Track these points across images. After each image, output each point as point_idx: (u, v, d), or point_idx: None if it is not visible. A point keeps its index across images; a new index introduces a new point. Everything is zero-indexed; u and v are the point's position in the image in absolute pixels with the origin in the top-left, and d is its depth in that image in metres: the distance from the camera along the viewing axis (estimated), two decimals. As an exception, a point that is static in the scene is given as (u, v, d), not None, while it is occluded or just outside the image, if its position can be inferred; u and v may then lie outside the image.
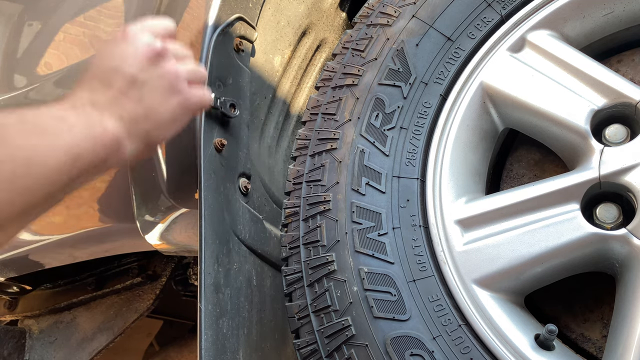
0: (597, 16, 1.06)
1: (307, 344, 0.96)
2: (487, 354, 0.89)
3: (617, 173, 0.92)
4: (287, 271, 1.03)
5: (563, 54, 1.03)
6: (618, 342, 0.88)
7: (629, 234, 0.89)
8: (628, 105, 0.97)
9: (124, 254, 1.83)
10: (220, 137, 1.12)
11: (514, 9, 1.07)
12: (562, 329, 1.00)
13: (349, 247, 0.98)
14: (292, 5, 1.39)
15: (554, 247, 0.92)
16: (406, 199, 1.01)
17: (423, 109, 1.06)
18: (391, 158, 1.03)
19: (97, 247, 1.53)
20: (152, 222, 1.30)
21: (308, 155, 1.08)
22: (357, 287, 0.95)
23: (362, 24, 1.14)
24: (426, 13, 1.10)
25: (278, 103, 1.40)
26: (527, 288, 0.98)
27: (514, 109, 1.05)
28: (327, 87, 1.12)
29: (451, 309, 0.92)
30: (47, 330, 1.91)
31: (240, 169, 1.19)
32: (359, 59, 1.11)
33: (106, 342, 1.81)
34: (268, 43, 1.33)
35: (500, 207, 0.98)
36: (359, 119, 1.06)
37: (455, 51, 1.08)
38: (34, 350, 1.89)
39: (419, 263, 0.96)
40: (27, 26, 1.48)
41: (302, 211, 1.04)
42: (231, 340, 1.06)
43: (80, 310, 1.90)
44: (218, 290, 1.05)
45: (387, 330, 0.92)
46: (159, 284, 1.83)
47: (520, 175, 1.11)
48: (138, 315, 1.82)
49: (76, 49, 1.41)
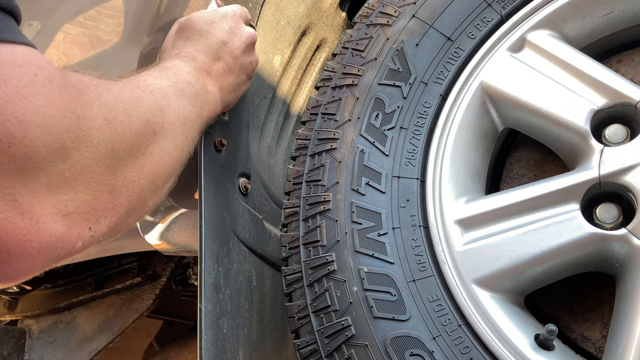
0: (597, 16, 1.06)
1: (307, 344, 0.96)
2: (487, 354, 0.89)
3: (617, 173, 0.92)
4: (287, 271, 1.03)
5: (563, 54, 1.03)
6: (618, 342, 0.88)
7: (629, 234, 0.89)
8: (628, 105, 0.97)
9: (124, 254, 1.83)
10: (220, 137, 1.12)
11: (514, 9, 1.07)
12: (562, 329, 1.00)
13: (349, 247, 0.98)
14: (292, 5, 1.39)
15: (554, 247, 0.92)
16: (406, 199, 1.00)
17: (423, 109, 1.06)
18: (391, 158, 1.03)
19: (97, 247, 1.53)
20: (152, 222, 1.30)
21: (308, 155, 1.08)
22: (357, 287, 0.95)
23: (362, 24, 1.14)
24: (426, 13, 1.10)
25: (278, 103, 1.40)
26: (527, 288, 0.98)
27: (514, 109, 1.05)
28: (327, 87, 1.12)
29: (451, 309, 0.92)
30: (46, 330, 1.91)
31: (240, 169, 1.19)
32: (359, 59, 1.11)
33: (106, 342, 1.81)
34: (268, 43, 1.33)
35: (500, 207, 0.98)
36: (358, 119, 1.06)
37: (455, 51, 1.08)
38: (34, 350, 1.89)
39: (419, 263, 0.96)
40: (27, 26, 1.48)
41: (302, 211, 1.04)
42: (231, 340, 1.06)
43: (80, 310, 1.90)
44: (218, 290, 1.05)
45: (387, 330, 0.92)
46: (158, 284, 1.83)
47: (520, 175, 1.11)
48: (138, 315, 1.81)
49: (76, 49, 1.40)
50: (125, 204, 0.72)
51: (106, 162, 0.67)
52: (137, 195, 0.74)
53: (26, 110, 0.57)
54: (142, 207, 0.77)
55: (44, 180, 0.60)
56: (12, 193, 0.58)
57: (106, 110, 0.68)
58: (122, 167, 0.70)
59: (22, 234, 0.59)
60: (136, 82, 0.81)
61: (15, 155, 0.56)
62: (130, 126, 0.72)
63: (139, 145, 0.74)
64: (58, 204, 0.62)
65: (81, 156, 0.64)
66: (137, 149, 0.74)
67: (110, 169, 0.68)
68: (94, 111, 0.66)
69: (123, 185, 0.71)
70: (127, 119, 0.71)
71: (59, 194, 0.62)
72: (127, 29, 1.34)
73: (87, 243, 0.68)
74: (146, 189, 0.76)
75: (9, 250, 0.59)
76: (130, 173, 0.72)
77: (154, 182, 0.78)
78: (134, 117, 0.73)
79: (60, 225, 0.62)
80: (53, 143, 0.60)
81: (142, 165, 0.75)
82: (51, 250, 0.63)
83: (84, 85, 0.66)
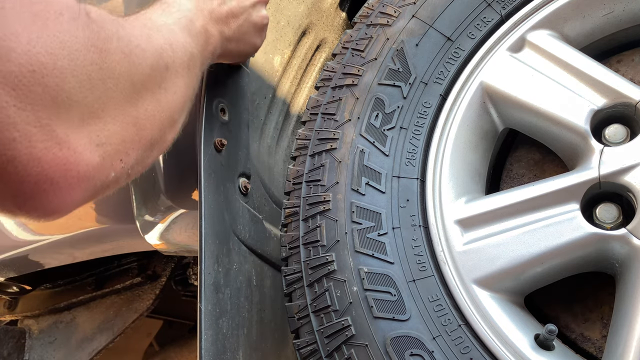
0: (597, 16, 1.06)
1: (307, 344, 0.96)
2: (487, 354, 0.89)
3: (616, 173, 0.92)
4: (287, 271, 1.03)
5: (563, 54, 1.03)
6: (618, 342, 0.88)
7: (628, 234, 0.89)
8: (628, 105, 0.97)
9: (123, 254, 1.83)
10: (220, 137, 1.12)
11: (513, 9, 1.07)
12: (562, 329, 1.00)
13: (349, 247, 0.98)
14: (292, 5, 1.39)
15: (554, 247, 0.92)
16: (406, 199, 1.01)
17: (423, 109, 1.06)
18: (391, 158, 1.03)
19: (97, 247, 1.53)
20: (152, 222, 1.30)
21: (308, 155, 1.08)
22: (357, 287, 0.95)
23: (362, 24, 1.14)
24: (426, 13, 1.10)
25: (278, 103, 1.40)
26: (527, 288, 0.98)
27: (513, 109, 1.05)
28: (327, 87, 1.12)
29: (451, 309, 0.92)
30: (46, 330, 1.91)
31: (240, 169, 1.19)
32: (359, 59, 1.11)
33: (106, 342, 1.81)
34: (268, 43, 1.33)
35: (500, 207, 0.98)
36: (358, 119, 1.06)
37: (455, 51, 1.08)
38: (34, 350, 1.89)
39: (419, 263, 0.96)
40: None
41: (302, 211, 1.04)
42: (231, 340, 1.06)
43: (80, 310, 1.91)
44: (218, 290, 1.05)
45: (387, 330, 0.92)
46: (158, 284, 1.83)
47: (520, 175, 1.11)
48: (138, 315, 1.82)
49: (76, 48, 1.40)
50: (149, 137, 0.77)
51: (128, 94, 0.72)
52: (158, 129, 0.79)
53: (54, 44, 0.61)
54: (162, 140, 0.82)
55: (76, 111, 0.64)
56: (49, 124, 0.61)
57: (123, 44, 0.72)
58: (142, 100, 0.75)
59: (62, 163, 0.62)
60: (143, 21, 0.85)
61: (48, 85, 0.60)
62: (145, 59, 0.76)
63: (154, 78, 0.78)
64: (91, 135, 0.66)
65: (106, 87, 0.68)
66: (153, 83, 0.78)
67: (131, 101, 0.73)
68: (114, 45, 0.70)
69: (145, 118, 0.75)
70: (141, 52, 0.76)
71: (90, 125, 0.66)
72: (127, 29, 1.34)
73: (119, 174, 0.72)
74: (165, 123, 0.81)
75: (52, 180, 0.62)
76: (150, 106, 0.77)
77: (172, 116, 0.83)
78: (147, 51, 0.77)
79: (95, 155, 0.66)
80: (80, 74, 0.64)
81: (159, 99, 0.79)
82: (89, 180, 0.66)
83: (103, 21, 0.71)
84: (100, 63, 0.67)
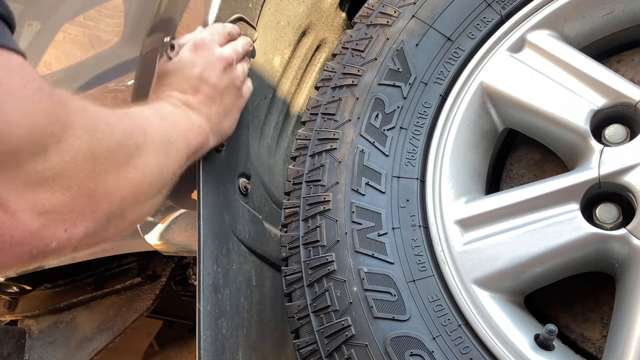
0: (597, 16, 1.06)
1: (306, 344, 0.96)
2: (487, 354, 0.89)
3: (616, 173, 0.92)
4: (287, 271, 1.03)
5: (563, 54, 1.03)
6: (618, 342, 0.88)
7: (628, 234, 0.89)
8: (628, 105, 0.97)
9: (123, 254, 1.83)
10: (220, 137, 1.12)
11: (513, 9, 1.07)
12: (562, 329, 1.00)
13: (349, 247, 0.98)
14: (292, 5, 1.39)
15: (554, 247, 0.92)
16: (406, 199, 1.00)
17: (423, 109, 1.05)
18: (391, 158, 1.03)
19: (97, 247, 1.53)
20: (152, 222, 1.30)
21: (308, 155, 1.08)
22: (357, 287, 0.95)
23: (362, 24, 1.14)
24: (426, 13, 1.10)
25: (278, 103, 1.40)
26: (527, 288, 0.98)
27: (513, 109, 1.05)
28: (327, 87, 1.12)
29: (451, 309, 0.92)
30: (46, 331, 1.91)
31: (240, 169, 1.19)
32: (359, 59, 1.11)
33: (106, 342, 1.81)
34: (268, 43, 1.33)
35: (500, 207, 0.98)
36: (358, 119, 1.06)
37: (455, 51, 1.07)
38: (34, 350, 1.89)
39: (419, 263, 0.96)
40: (27, 26, 1.48)
41: (302, 211, 1.04)
42: (230, 341, 1.06)
43: (80, 310, 1.90)
44: (217, 290, 1.05)
45: (387, 330, 0.92)
46: (158, 284, 1.83)
47: (520, 175, 1.11)
48: (138, 315, 1.81)
49: (76, 49, 1.41)
50: (105, 211, 0.75)
51: (87, 167, 0.71)
52: (117, 204, 0.77)
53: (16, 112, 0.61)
54: (122, 218, 0.80)
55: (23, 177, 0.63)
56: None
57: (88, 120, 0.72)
58: (104, 174, 0.74)
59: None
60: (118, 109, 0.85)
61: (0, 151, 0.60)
62: (112, 135, 0.76)
63: (122, 154, 0.78)
64: (35, 201, 0.65)
65: (62, 159, 0.67)
66: (119, 158, 0.77)
67: (90, 174, 0.71)
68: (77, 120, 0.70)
69: (104, 192, 0.74)
70: (108, 128, 0.75)
71: (37, 192, 0.65)
72: (127, 29, 1.34)
73: (63, 245, 0.70)
74: (128, 199, 0.79)
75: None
76: (112, 181, 0.75)
77: (136, 194, 0.81)
78: (115, 127, 0.77)
79: (35, 221, 0.65)
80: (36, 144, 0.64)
81: (125, 175, 0.78)
82: (23, 246, 0.65)
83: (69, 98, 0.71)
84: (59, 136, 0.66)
